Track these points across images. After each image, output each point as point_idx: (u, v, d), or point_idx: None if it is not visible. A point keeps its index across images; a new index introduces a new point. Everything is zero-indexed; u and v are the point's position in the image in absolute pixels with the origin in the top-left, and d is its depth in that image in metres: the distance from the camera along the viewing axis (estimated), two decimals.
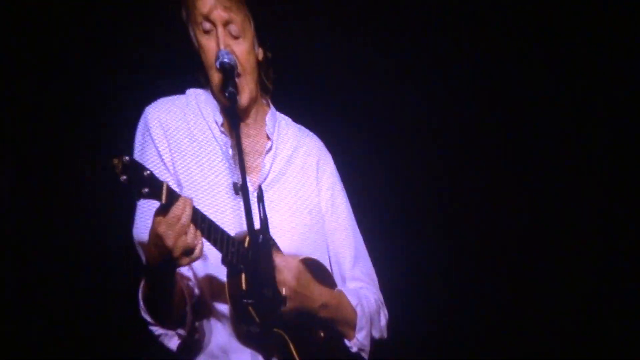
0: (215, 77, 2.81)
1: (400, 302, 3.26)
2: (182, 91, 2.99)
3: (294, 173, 2.98)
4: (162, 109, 2.88)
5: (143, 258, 2.72)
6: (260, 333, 2.65)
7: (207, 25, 2.81)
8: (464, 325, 4.58)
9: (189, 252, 2.45)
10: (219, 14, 2.80)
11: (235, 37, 2.82)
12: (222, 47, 2.78)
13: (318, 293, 2.78)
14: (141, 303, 2.68)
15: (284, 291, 2.66)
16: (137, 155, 2.83)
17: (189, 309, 2.71)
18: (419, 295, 4.43)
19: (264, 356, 2.69)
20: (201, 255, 2.50)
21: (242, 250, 2.61)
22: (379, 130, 4.54)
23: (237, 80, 2.79)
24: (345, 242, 3.05)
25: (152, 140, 2.83)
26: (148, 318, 2.69)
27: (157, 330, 2.71)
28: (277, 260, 2.67)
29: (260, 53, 2.92)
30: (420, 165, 4.59)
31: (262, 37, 2.91)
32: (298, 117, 3.17)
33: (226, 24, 2.81)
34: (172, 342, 2.71)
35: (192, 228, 2.46)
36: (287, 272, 2.67)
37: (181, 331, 2.70)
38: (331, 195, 3.06)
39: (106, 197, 3.63)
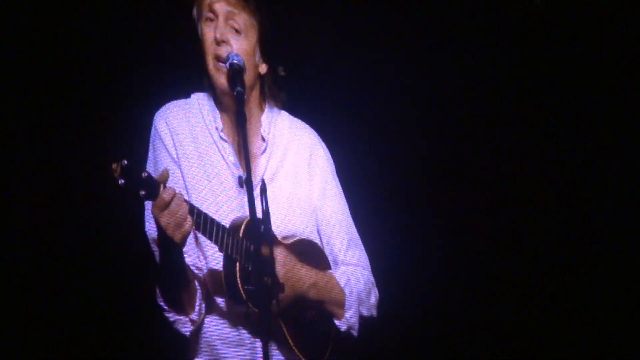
0: (210, 65, 2.99)
1: (391, 285, 3.42)
2: (187, 94, 3.18)
3: (287, 170, 3.15)
4: (168, 114, 3.10)
5: (156, 253, 2.95)
6: (255, 315, 2.85)
7: (210, 14, 3.01)
8: (456, 316, 4.74)
9: (179, 227, 2.68)
10: (222, 6, 3.00)
11: (237, 32, 3.00)
12: (217, 35, 2.96)
13: (306, 274, 2.97)
14: (157, 290, 2.91)
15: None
16: (150, 158, 3.08)
17: (200, 296, 2.94)
18: (410, 279, 4.57)
19: (262, 343, 2.78)
20: (191, 229, 2.72)
21: (237, 239, 2.82)
22: (375, 123, 4.69)
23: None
24: (337, 231, 3.20)
25: (162, 140, 3.05)
26: (163, 304, 2.92)
27: (172, 316, 2.94)
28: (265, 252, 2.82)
29: (263, 68, 3.09)
30: (414, 158, 4.74)
31: (267, 52, 3.08)
32: (295, 109, 3.30)
33: (228, 17, 3.00)
34: (186, 327, 2.95)
35: (183, 207, 2.68)
36: (275, 262, 2.83)
37: (194, 317, 2.94)
38: (323, 186, 3.20)
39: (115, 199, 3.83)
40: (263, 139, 3.15)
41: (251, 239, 2.82)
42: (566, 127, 4.65)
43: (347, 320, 3.08)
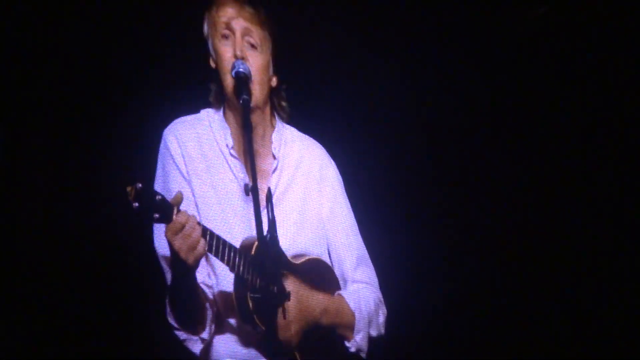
0: (229, 83, 2.98)
1: (399, 301, 3.44)
2: (196, 110, 3.19)
3: (297, 188, 3.17)
4: (178, 130, 3.10)
5: (165, 270, 2.97)
6: (264, 335, 2.84)
7: (226, 32, 3.01)
8: (461, 325, 4.74)
9: (193, 250, 2.69)
10: (239, 23, 3.00)
11: (254, 47, 3.02)
12: (238, 52, 2.96)
13: (316, 302, 3.00)
14: (168, 308, 2.92)
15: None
16: (159, 174, 3.07)
17: (210, 315, 2.96)
18: (418, 294, 4.60)
19: None
20: (204, 252, 2.72)
21: (249, 260, 2.83)
22: (380, 134, 4.71)
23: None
24: (346, 248, 3.21)
25: (172, 157, 3.05)
26: (173, 323, 2.94)
27: (182, 335, 2.95)
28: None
29: (274, 81, 3.12)
30: (420, 168, 4.77)
31: (279, 66, 3.10)
32: (302, 124, 3.32)
33: (245, 33, 3.00)
34: (196, 346, 2.97)
35: (196, 230, 2.69)
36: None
37: (204, 335, 2.95)
38: (333, 202, 3.22)
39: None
40: (274, 157, 3.16)
41: (261, 258, 2.82)
42: (574, 132, 4.68)
43: (356, 342, 3.10)
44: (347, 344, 3.10)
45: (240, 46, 2.99)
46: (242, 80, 2.93)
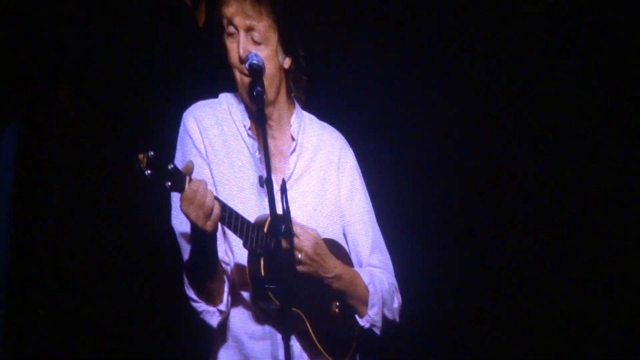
0: (237, 77, 3.05)
1: (414, 292, 3.43)
2: (215, 95, 3.23)
3: (316, 171, 3.19)
4: (198, 112, 3.14)
5: (183, 246, 2.99)
6: (278, 311, 2.86)
7: (231, 29, 3.04)
8: (472, 320, 4.73)
9: (209, 216, 2.73)
10: (241, 20, 3.02)
11: (257, 43, 3.04)
12: (241, 50, 3.00)
13: (333, 264, 3.00)
14: (186, 280, 2.94)
15: (299, 255, 2.89)
16: (178, 155, 3.11)
17: (228, 287, 2.98)
18: (432, 284, 4.58)
19: (283, 337, 2.84)
20: (220, 215, 2.76)
21: (261, 235, 2.86)
22: (398, 126, 4.73)
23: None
24: (363, 233, 3.23)
25: (191, 138, 3.09)
26: (192, 294, 2.95)
27: (199, 306, 2.96)
28: (298, 229, 2.90)
29: (287, 62, 3.13)
30: (436, 161, 4.77)
31: (289, 46, 3.11)
32: (322, 114, 3.34)
33: (248, 30, 3.03)
34: (213, 318, 2.98)
35: (208, 196, 2.72)
36: (305, 240, 2.91)
37: (222, 307, 2.96)
38: (350, 189, 3.24)
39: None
40: (292, 139, 3.19)
41: (274, 236, 2.85)
42: (604, 134, 4.66)
43: (370, 317, 3.09)
44: (360, 320, 3.10)
45: (244, 46, 3.02)
46: (256, 73, 2.98)
